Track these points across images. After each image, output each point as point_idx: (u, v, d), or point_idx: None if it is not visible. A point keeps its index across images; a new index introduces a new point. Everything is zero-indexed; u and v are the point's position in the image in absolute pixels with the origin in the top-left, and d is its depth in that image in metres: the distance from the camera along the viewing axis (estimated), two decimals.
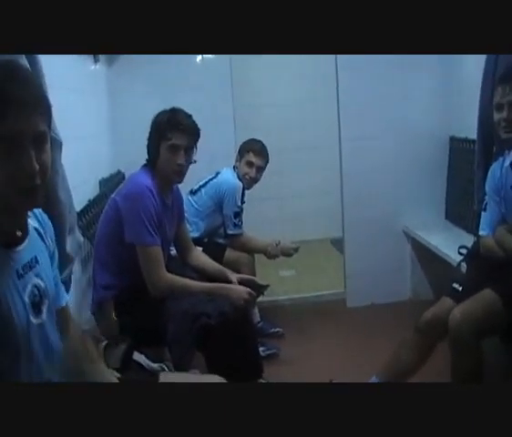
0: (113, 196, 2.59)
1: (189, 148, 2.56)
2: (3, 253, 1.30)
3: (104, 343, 2.08)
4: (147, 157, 2.61)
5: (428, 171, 4.18)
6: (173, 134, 2.50)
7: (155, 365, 2.05)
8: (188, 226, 3.16)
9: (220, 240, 3.71)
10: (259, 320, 3.77)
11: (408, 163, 4.17)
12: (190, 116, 2.59)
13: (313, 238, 5.73)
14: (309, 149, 5.96)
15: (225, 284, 2.66)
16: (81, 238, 2.87)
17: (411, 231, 4.17)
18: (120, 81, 4.33)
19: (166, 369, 2.05)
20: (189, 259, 2.87)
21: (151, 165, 2.58)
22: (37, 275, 1.40)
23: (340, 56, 4.07)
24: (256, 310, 3.71)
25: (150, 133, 2.58)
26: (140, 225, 2.42)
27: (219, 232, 3.72)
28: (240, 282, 2.72)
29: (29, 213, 1.44)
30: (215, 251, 3.38)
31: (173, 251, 2.91)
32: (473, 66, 3.44)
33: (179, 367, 2.26)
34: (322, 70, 4.93)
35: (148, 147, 2.59)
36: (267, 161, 3.77)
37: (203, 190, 3.68)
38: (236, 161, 3.79)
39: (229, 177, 3.70)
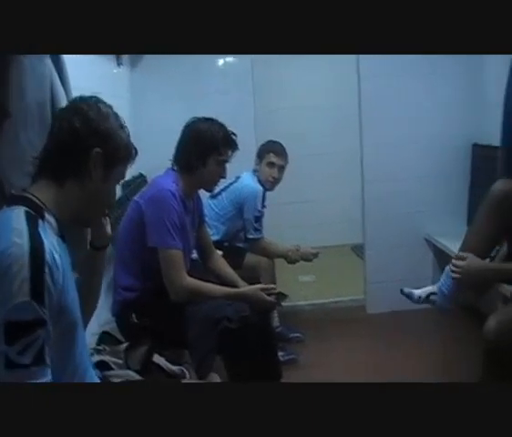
0: (136, 198, 2.60)
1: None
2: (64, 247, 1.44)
3: (124, 345, 2.09)
4: (172, 160, 2.64)
5: (450, 178, 4.15)
6: (226, 150, 2.61)
7: (175, 368, 2.06)
8: (208, 229, 3.16)
9: (241, 245, 3.71)
10: (278, 324, 3.76)
11: (430, 170, 4.14)
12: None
13: (334, 243, 5.70)
14: (330, 154, 5.94)
15: (245, 289, 2.67)
16: None
17: (433, 238, 4.13)
18: (142, 84, 4.37)
19: (186, 371, 2.06)
20: (209, 264, 2.88)
21: (184, 170, 2.60)
22: None
23: (362, 63, 4.07)
24: (275, 315, 3.70)
25: (194, 142, 2.60)
26: (163, 229, 2.43)
27: (239, 236, 3.72)
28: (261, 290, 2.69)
29: None
30: (235, 256, 3.39)
31: (195, 255, 2.91)
32: (496, 72, 3.40)
33: (200, 370, 2.26)
34: (344, 75, 4.93)
35: (188, 154, 2.59)
36: (287, 161, 3.77)
37: (224, 194, 3.68)
38: (256, 165, 3.79)
39: (249, 181, 3.70)
